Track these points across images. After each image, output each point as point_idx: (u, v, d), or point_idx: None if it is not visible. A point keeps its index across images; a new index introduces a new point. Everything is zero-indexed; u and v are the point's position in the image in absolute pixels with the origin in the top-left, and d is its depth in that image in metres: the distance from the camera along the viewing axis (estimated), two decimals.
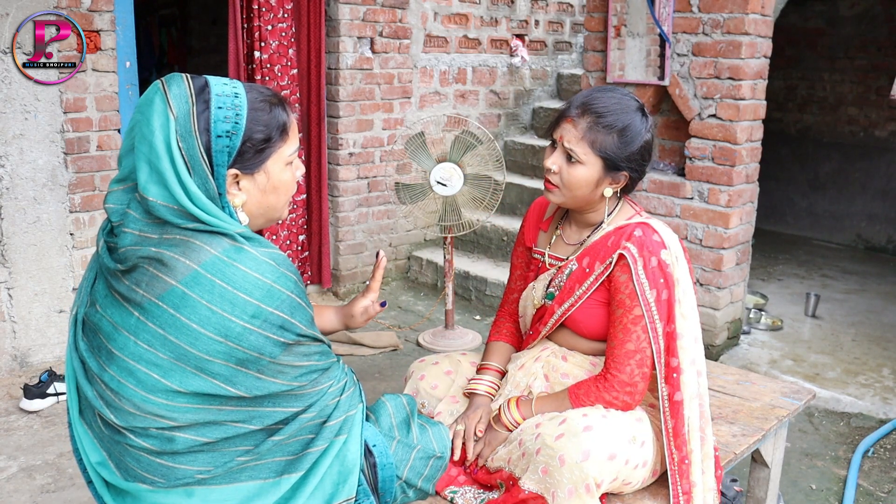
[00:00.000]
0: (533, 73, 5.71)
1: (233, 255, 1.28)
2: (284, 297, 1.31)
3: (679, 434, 1.69)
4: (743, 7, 3.46)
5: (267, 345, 1.30)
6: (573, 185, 1.71)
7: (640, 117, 1.70)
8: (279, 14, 4.18)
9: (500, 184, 3.75)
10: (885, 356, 3.96)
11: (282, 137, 1.38)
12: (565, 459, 1.54)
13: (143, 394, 1.28)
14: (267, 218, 1.44)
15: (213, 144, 1.29)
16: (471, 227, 3.78)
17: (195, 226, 1.28)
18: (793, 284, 5.15)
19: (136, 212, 1.30)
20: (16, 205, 3.43)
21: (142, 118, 1.29)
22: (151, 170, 1.27)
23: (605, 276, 1.74)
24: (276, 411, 1.37)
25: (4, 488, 2.67)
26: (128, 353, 1.28)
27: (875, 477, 2.94)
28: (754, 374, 2.47)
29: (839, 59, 6.26)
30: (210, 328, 1.25)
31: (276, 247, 1.36)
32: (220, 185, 1.32)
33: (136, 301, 1.27)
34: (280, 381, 1.34)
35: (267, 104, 1.36)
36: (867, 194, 6.22)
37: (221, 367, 1.28)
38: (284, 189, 1.42)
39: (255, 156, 1.35)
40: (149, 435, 1.30)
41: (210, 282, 1.25)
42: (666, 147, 3.99)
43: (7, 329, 3.49)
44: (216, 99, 1.30)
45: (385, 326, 4.31)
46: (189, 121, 1.28)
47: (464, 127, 3.82)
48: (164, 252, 1.26)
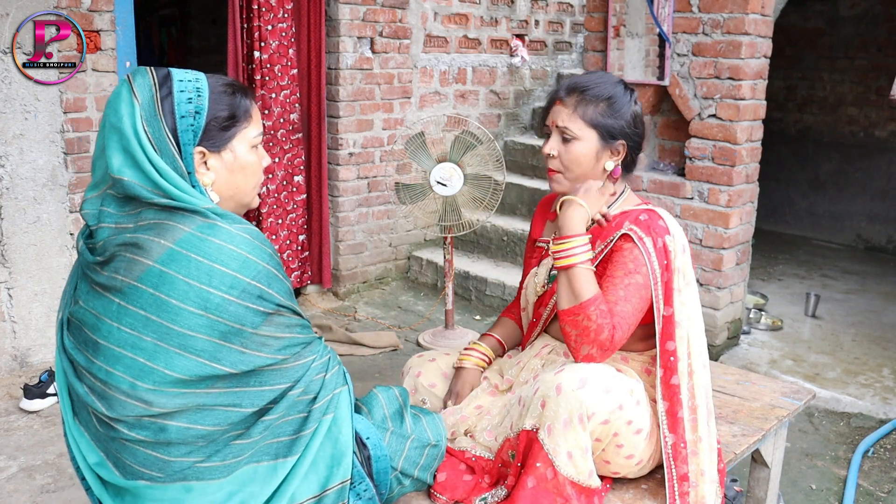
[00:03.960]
0: (533, 73, 5.71)
1: (206, 231, 1.32)
2: (260, 267, 1.34)
3: (673, 416, 1.70)
4: (743, 7, 3.46)
5: (248, 315, 1.32)
6: (574, 162, 1.77)
7: (623, 89, 1.79)
8: (279, 14, 4.18)
9: (500, 184, 3.75)
10: (885, 356, 3.96)
11: (246, 118, 1.45)
12: (562, 387, 1.56)
13: (131, 380, 1.30)
14: (236, 201, 1.48)
15: (178, 125, 1.36)
16: (471, 227, 3.78)
17: (167, 202, 1.32)
18: (793, 284, 5.15)
19: (110, 206, 1.35)
20: (16, 205, 3.43)
21: (110, 110, 1.36)
22: (125, 154, 1.33)
23: (605, 253, 1.75)
24: (264, 390, 1.38)
25: (4, 488, 2.67)
26: (113, 340, 1.31)
27: (875, 477, 2.94)
28: (754, 374, 2.47)
29: (839, 59, 6.26)
30: (189, 302, 1.28)
31: (249, 223, 1.39)
32: (189, 164, 1.38)
33: (116, 287, 1.31)
34: (264, 353, 1.36)
35: (229, 88, 1.44)
36: (867, 194, 6.22)
37: (205, 342, 1.30)
38: (251, 170, 1.48)
39: (220, 133, 1.41)
40: (142, 426, 1.32)
41: (185, 257, 1.29)
42: (666, 147, 3.99)
43: (7, 329, 3.48)
44: (178, 84, 1.38)
45: (385, 326, 4.31)
46: (153, 105, 1.35)
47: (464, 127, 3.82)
48: (140, 236, 1.31)
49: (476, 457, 1.77)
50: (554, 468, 1.57)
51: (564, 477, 1.57)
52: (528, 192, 5.02)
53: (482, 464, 1.76)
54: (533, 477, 1.59)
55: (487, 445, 1.79)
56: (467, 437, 1.82)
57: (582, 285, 1.65)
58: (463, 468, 1.76)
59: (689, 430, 1.71)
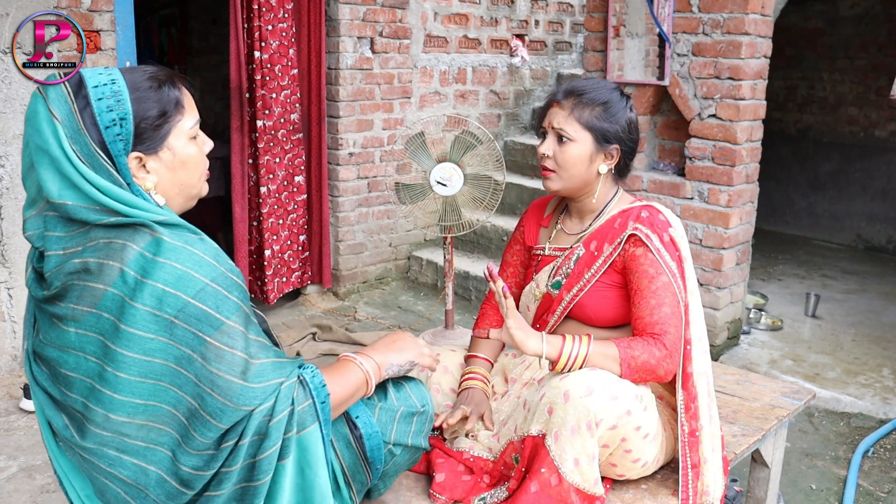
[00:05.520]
0: (533, 73, 5.71)
1: (153, 249, 1.26)
2: (202, 284, 1.26)
3: (690, 407, 1.71)
4: (743, 7, 3.46)
5: (194, 339, 1.25)
6: (568, 163, 1.79)
7: (619, 95, 1.83)
8: (279, 14, 4.18)
9: (500, 184, 3.75)
10: (885, 356, 3.96)
11: (178, 110, 1.36)
12: (570, 395, 1.56)
13: (104, 412, 1.26)
14: (185, 196, 1.41)
15: (105, 136, 1.28)
16: (471, 227, 3.78)
17: (115, 220, 1.26)
18: (793, 284, 5.15)
19: (55, 230, 1.29)
20: (16, 205, 3.43)
21: (32, 131, 1.28)
22: (61, 178, 1.26)
23: (615, 257, 1.76)
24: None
25: (4, 488, 2.67)
26: (81, 371, 1.26)
27: (875, 477, 2.94)
28: (754, 374, 2.48)
29: (839, 59, 6.26)
30: (141, 327, 1.23)
31: (198, 232, 1.33)
32: (125, 175, 1.30)
33: (70, 317, 1.26)
34: (217, 396, 1.26)
35: (154, 81, 1.34)
36: (867, 194, 6.22)
37: (163, 367, 1.25)
38: (193, 163, 1.39)
39: (153, 133, 1.32)
40: (123, 466, 1.27)
41: (134, 279, 1.23)
42: (666, 147, 3.99)
43: (7, 329, 3.49)
44: (94, 91, 1.28)
45: (385, 326, 4.31)
46: (73, 120, 1.27)
47: (464, 127, 3.82)
48: (89, 260, 1.26)
49: (475, 457, 1.78)
50: (559, 475, 1.57)
51: (570, 484, 1.57)
52: (528, 192, 5.02)
53: (481, 464, 1.76)
54: (537, 482, 1.59)
55: (489, 446, 1.79)
56: (469, 437, 1.82)
57: (606, 364, 1.63)
58: (462, 469, 1.76)
59: (701, 417, 1.73)
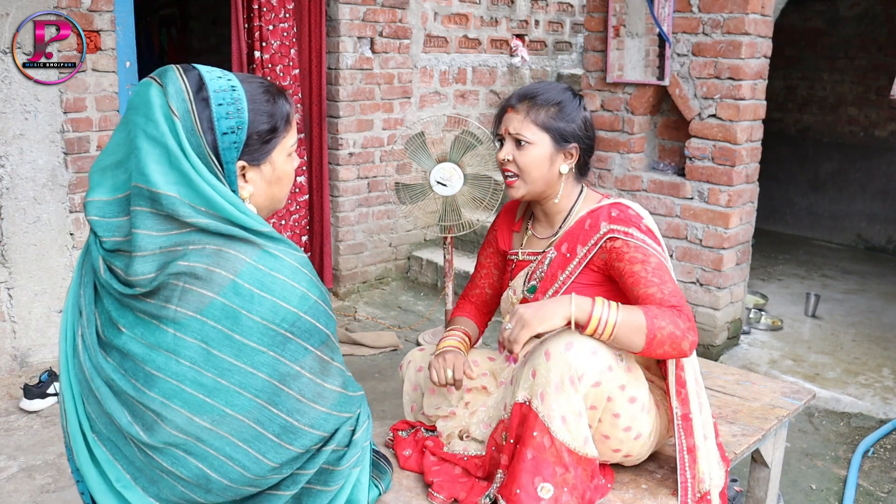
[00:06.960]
0: (533, 73, 5.71)
1: (268, 264, 1.26)
2: (312, 302, 1.29)
3: (680, 392, 1.72)
4: (743, 7, 3.46)
5: (304, 354, 1.28)
6: (529, 166, 1.80)
7: (572, 95, 1.85)
8: (280, 14, 4.18)
9: (500, 184, 3.75)
10: (885, 356, 3.96)
11: (286, 128, 1.38)
12: (551, 352, 1.58)
13: (188, 415, 1.25)
14: (270, 209, 1.44)
15: (220, 142, 1.28)
16: (471, 227, 3.78)
17: (223, 229, 1.25)
18: (793, 284, 5.14)
19: (143, 227, 1.24)
20: (16, 205, 3.43)
21: (146, 121, 1.24)
22: (174, 170, 1.23)
23: (591, 257, 1.77)
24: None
25: (4, 488, 2.67)
26: (170, 373, 1.24)
27: (875, 477, 2.94)
28: (754, 374, 2.47)
29: (839, 59, 6.26)
30: (254, 339, 1.24)
31: (300, 249, 1.34)
32: (232, 181, 1.31)
33: (171, 318, 1.23)
34: (319, 407, 1.31)
35: (269, 95, 1.35)
36: (867, 194, 6.21)
37: (264, 382, 1.25)
38: (287, 179, 1.42)
39: (261, 147, 1.34)
40: (187, 467, 1.27)
41: (249, 292, 1.23)
42: (666, 147, 3.99)
43: (7, 329, 3.48)
44: (215, 95, 1.27)
45: (385, 326, 4.31)
46: (190, 119, 1.25)
47: (464, 127, 3.82)
48: (196, 266, 1.23)
49: (468, 457, 1.79)
50: (550, 434, 1.56)
51: (561, 443, 1.57)
52: None
53: (475, 461, 1.77)
54: (531, 448, 1.58)
55: (482, 440, 1.80)
56: (462, 439, 1.83)
57: (635, 325, 1.58)
58: (458, 472, 1.77)
59: (691, 402, 1.73)
